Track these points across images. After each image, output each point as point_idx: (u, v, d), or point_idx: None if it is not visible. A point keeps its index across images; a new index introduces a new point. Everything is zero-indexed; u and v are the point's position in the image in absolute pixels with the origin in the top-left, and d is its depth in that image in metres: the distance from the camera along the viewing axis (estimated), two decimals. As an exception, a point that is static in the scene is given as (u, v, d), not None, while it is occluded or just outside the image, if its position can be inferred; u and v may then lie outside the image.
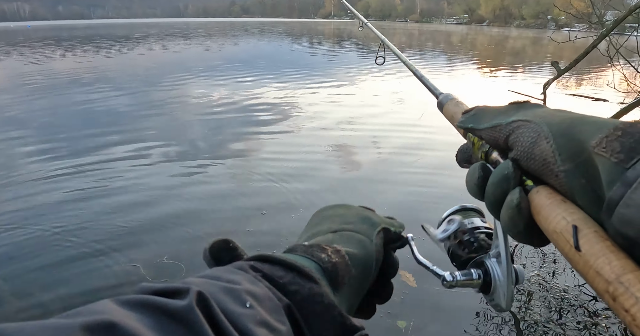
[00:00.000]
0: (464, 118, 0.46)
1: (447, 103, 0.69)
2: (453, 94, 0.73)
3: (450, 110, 0.66)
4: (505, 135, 0.37)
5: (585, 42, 4.16)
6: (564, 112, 0.35)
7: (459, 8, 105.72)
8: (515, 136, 0.36)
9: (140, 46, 22.18)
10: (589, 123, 0.31)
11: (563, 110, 0.37)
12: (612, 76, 4.14)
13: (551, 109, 0.37)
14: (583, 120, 0.32)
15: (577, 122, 0.32)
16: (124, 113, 6.61)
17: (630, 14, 2.75)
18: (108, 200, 3.49)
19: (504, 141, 0.37)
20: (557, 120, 0.33)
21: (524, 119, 0.36)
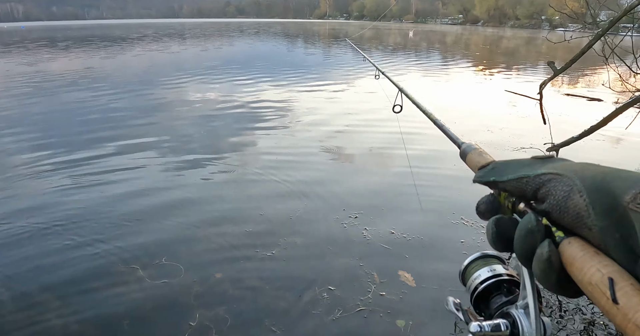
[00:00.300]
0: (482, 173, 0.47)
1: (471, 153, 0.70)
2: (474, 144, 0.74)
3: (473, 160, 0.67)
4: (534, 187, 0.37)
5: (578, 42, 4.18)
6: (594, 166, 0.35)
7: (453, 8, 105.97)
8: (546, 189, 0.36)
9: (137, 47, 22.10)
10: (621, 178, 0.31)
11: (592, 164, 0.37)
12: (607, 76, 4.17)
13: (579, 163, 0.38)
14: (616, 174, 0.32)
15: (609, 177, 0.32)
16: (122, 114, 6.59)
17: (626, 14, 2.77)
18: (104, 200, 3.47)
19: (532, 193, 0.38)
20: (590, 174, 0.34)
21: (555, 172, 0.36)
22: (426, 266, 2.62)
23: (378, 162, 4.53)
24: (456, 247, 2.84)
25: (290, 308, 2.23)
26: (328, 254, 2.74)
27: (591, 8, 4.18)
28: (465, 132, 5.73)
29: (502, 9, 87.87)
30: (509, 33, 53.68)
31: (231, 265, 2.61)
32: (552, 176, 0.36)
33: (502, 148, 5.01)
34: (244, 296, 2.32)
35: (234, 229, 3.05)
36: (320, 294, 2.33)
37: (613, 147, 5.38)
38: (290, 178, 4.02)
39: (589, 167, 0.35)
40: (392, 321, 2.14)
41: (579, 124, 6.08)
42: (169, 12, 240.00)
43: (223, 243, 2.87)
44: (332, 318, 2.14)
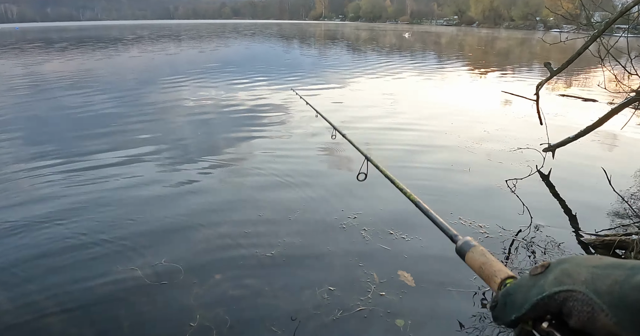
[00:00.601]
0: (498, 313, 0.45)
1: (472, 252, 0.67)
2: (472, 239, 0.71)
3: (477, 261, 0.64)
4: (553, 310, 0.37)
5: (572, 43, 4.22)
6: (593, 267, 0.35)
7: (448, 9, 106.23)
8: (567, 309, 0.36)
9: (133, 48, 22.04)
10: (637, 287, 0.31)
11: (585, 261, 0.37)
12: (603, 76, 4.20)
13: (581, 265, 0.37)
14: (627, 282, 0.32)
15: (626, 288, 0.32)
16: (120, 115, 6.57)
17: (621, 15, 2.80)
18: (102, 202, 3.46)
19: (550, 317, 0.38)
20: (603, 287, 0.33)
21: (567, 289, 0.36)
22: (425, 266, 2.63)
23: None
24: (454, 247, 2.85)
25: (290, 309, 2.24)
26: (327, 254, 2.75)
27: (586, 9, 4.21)
28: (461, 132, 5.76)
29: (496, 10, 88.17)
30: (504, 34, 53.90)
31: (230, 265, 2.61)
32: (565, 294, 0.36)
33: (499, 148, 5.04)
34: (243, 297, 2.32)
35: (233, 230, 3.05)
36: (320, 294, 2.34)
37: (608, 147, 5.41)
38: (288, 179, 4.03)
39: (594, 272, 0.35)
40: (391, 321, 2.15)
41: (574, 125, 6.12)
42: (164, 13, 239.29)
43: (222, 244, 2.87)
44: (333, 318, 2.15)
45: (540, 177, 4.22)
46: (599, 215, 3.39)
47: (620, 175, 4.12)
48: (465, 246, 0.69)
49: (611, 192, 3.41)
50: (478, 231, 3.07)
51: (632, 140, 5.74)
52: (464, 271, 2.59)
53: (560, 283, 0.37)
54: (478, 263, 0.64)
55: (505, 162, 4.58)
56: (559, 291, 0.36)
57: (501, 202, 3.60)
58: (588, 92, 9.39)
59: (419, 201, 1.08)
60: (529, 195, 3.63)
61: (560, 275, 0.38)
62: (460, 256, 0.69)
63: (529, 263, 2.69)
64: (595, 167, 4.08)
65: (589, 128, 4.25)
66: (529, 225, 3.19)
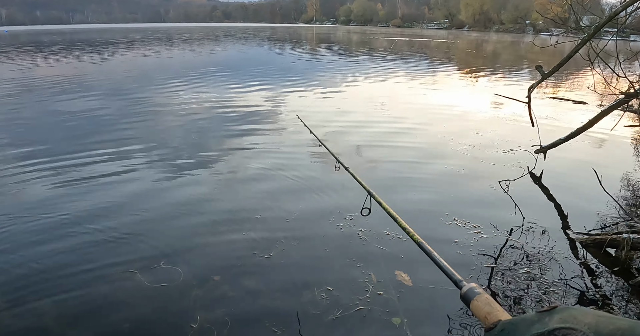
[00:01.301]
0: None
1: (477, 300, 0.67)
2: (477, 286, 0.71)
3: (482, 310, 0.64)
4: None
5: (561, 47, 4.30)
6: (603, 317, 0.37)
7: (439, 13, 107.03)
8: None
9: (127, 51, 21.95)
10: None
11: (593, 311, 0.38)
12: (592, 79, 4.28)
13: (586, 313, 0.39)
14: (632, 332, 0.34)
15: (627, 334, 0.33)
16: (113, 119, 6.56)
17: (611, 20, 2.87)
18: (97, 206, 3.46)
19: None
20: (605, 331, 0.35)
21: (567, 327, 0.38)
22: (422, 266, 2.66)
23: (366, 163, 4.58)
24: (450, 247, 2.90)
25: (290, 309, 2.26)
26: (325, 255, 2.78)
27: (575, 13, 4.29)
28: (454, 135, 5.83)
29: (487, 13, 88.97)
30: (494, 37, 54.38)
31: (230, 267, 2.63)
32: (566, 331, 0.37)
33: (492, 150, 5.10)
34: (243, 298, 2.34)
35: (231, 232, 3.07)
36: (319, 294, 2.36)
37: (599, 148, 5.50)
38: (284, 182, 4.06)
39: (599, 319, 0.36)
40: (388, 319, 2.19)
41: (565, 126, 6.22)
42: (155, 17, 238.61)
43: (220, 246, 2.89)
44: (332, 318, 2.18)
45: (532, 178, 4.29)
46: (590, 215, 3.46)
47: (610, 176, 4.19)
48: (470, 293, 0.69)
49: (602, 192, 3.47)
50: (472, 231, 3.11)
51: (621, 141, 5.84)
52: (460, 271, 2.63)
53: (565, 322, 0.38)
54: (483, 312, 0.64)
55: (498, 163, 4.64)
56: (561, 328, 0.38)
57: (494, 202, 3.66)
58: (578, 95, 9.53)
59: (422, 242, 1.06)
60: (522, 196, 3.69)
61: (567, 316, 0.39)
62: (465, 303, 0.69)
63: (522, 264, 2.73)
64: (586, 168, 4.15)
65: (579, 129, 4.33)
66: (522, 224, 3.24)
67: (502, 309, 0.63)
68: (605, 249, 2.84)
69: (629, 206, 3.64)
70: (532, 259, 2.78)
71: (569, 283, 2.52)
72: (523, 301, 2.35)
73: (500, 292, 2.44)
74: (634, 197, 3.87)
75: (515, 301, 2.35)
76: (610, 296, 2.42)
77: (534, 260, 2.77)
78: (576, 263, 2.75)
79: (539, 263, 2.73)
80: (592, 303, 2.35)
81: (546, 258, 2.79)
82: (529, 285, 2.50)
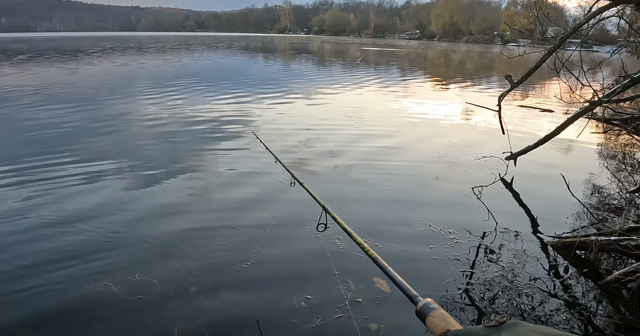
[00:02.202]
0: None
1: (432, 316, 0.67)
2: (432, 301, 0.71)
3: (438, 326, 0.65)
4: None
5: (528, 57, 4.46)
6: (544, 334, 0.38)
7: (410, 24, 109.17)
8: None
9: (99, 61, 21.51)
10: None
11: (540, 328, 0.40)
12: (559, 88, 4.44)
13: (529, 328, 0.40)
14: None
15: None
16: (83, 130, 6.41)
17: (575, 31, 3.00)
18: (66, 219, 3.37)
19: None
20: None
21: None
22: (399, 271, 2.68)
23: (343, 171, 4.61)
24: (426, 253, 2.94)
25: (269, 319, 2.25)
26: (303, 264, 2.78)
27: (541, 25, 4.45)
28: (428, 143, 5.93)
29: (456, 24, 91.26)
30: (464, 47, 55.77)
31: (207, 278, 2.60)
32: None
33: (464, 157, 5.21)
34: (222, 309, 2.32)
35: (207, 243, 3.04)
36: (299, 303, 2.36)
37: (566, 154, 5.69)
38: (260, 191, 4.04)
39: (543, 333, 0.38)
40: (365, 325, 2.20)
41: (534, 134, 6.41)
42: (126, 25, 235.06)
43: (197, 256, 2.85)
44: (312, 326, 2.17)
45: (503, 183, 4.40)
46: (560, 219, 3.57)
47: (577, 181, 4.35)
48: (425, 309, 0.69)
49: (570, 197, 3.59)
50: (447, 237, 3.17)
51: (587, 147, 6.05)
52: (437, 276, 2.67)
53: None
54: (439, 329, 0.64)
55: (471, 170, 4.74)
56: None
57: (468, 208, 3.73)
58: (545, 103, 9.85)
59: (377, 257, 1.05)
60: (494, 201, 3.78)
61: (513, 334, 0.40)
62: (421, 319, 0.69)
63: (496, 268, 2.79)
64: (555, 173, 4.29)
65: (547, 137, 4.48)
66: (495, 229, 3.32)
67: (457, 324, 0.63)
68: (575, 251, 2.94)
69: (596, 209, 3.77)
70: (505, 263, 2.84)
71: (540, 286, 2.59)
72: (492, 307, 2.40)
73: (475, 297, 2.49)
74: (600, 201, 4.01)
75: (483, 309, 2.40)
76: (581, 297, 2.50)
77: (507, 264, 2.83)
78: (548, 266, 2.83)
79: (512, 266, 2.80)
80: (563, 304, 2.42)
81: (519, 262, 2.86)
82: (502, 289, 2.55)
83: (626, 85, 3.60)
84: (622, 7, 4.21)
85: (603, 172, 4.90)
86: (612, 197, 4.09)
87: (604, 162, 5.38)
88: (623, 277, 2.47)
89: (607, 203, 3.94)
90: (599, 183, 4.46)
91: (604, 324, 2.27)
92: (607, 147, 6.21)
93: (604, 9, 3.61)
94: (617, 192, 4.22)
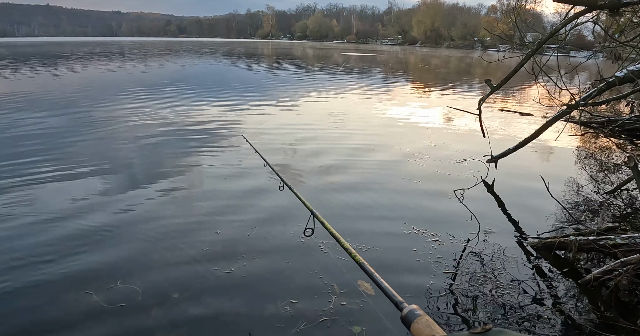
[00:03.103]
0: None
1: (417, 322, 0.68)
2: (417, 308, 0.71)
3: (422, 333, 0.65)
4: None
5: (508, 61, 4.55)
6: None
7: (392, 30, 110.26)
8: None
9: (80, 67, 21.19)
10: None
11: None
12: (537, 92, 4.53)
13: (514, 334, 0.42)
14: None
15: None
16: (62, 136, 6.30)
17: (552, 36, 3.07)
18: (46, 224, 3.31)
19: None
20: None
21: None
22: (383, 274, 2.69)
23: (329, 174, 4.63)
24: (410, 255, 2.96)
25: (254, 324, 2.23)
26: (287, 268, 2.77)
27: (519, 30, 4.54)
28: (410, 147, 5.98)
29: (437, 30, 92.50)
30: (445, 53, 56.50)
31: (190, 284, 2.57)
32: None
33: (446, 161, 5.27)
34: (205, 315, 2.29)
35: (190, 248, 3.01)
36: (283, 308, 2.35)
37: (545, 157, 5.80)
38: (243, 197, 4.02)
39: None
40: (349, 328, 2.21)
41: (514, 137, 6.52)
42: (106, 31, 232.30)
43: (180, 262, 2.82)
44: (296, 330, 2.17)
45: (485, 186, 4.46)
46: (540, 220, 3.63)
47: (556, 182, 4.43)
48: (410, 315, 0.69)
49: (549, 198, 3.66)
50: (431, 240, 3.20)
51: (565, 150, 6.18)
52: (421, 279, 2.69)
53: None
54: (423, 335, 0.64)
55: (453, 173, 4.80)
56: None
57: (450, 211, 3.77)
58: (525, 107, 10.03)
59: (363, 262, 1.05)
60: (476, 204, 3.82)
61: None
62: (405, 326, 0.70)
63: (479, 269, 2.82)
64: (534, 176, 4.36)
65: (526, 139, 4.56)
66: (477, 231, 3.36)
67: (442, 331, 0.64)
68: (555, 251, 2.99)
69: (574, 210, 3.85)
70: (488, 264, 2.88)
71: (522, 286, 2.63)
72: (475, 309, 2.43)
73: (459, 299, 2.51)
74: (579, 202, 4.09)
75: (467, 312, 2.42)
76: (562, 296, 2.54)
77: (489, 265, 2.87)
78: (529, 266, 2.87)
79: (494, 267, 2.84)
80: (544, 303, 2.46)
81: (501, 263, 2.90)
82: (485, 291, 2.58)
83: (602, 89, 3.69)
84: (597, 13, 4.32)
85: (581, 173, 5.00)
86: (590, 198, 4.18)
87: (582, 163, 5.50)
88: (601, 276, 2.52)
89: (586, 204, 4.03)
90: (577, 185, 4.55)
91: (584, 322, 2.31)
92: (584, 149, 6.35)
93: (579, 15, 3.70)
94: (594, 193, 4.31)
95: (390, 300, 0.74)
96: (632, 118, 7.25)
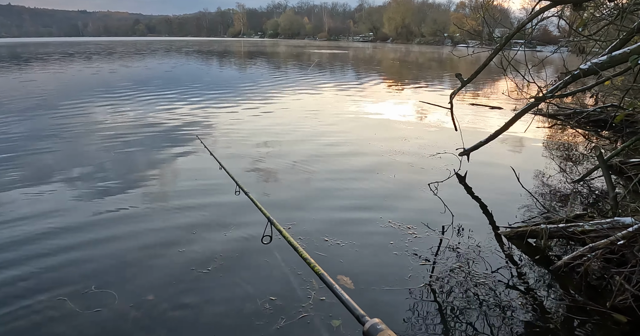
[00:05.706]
0: None
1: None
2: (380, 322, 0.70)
3: None
4: None
5: (477, 56, 4.64)
6: None
7: (364, 26, 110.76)
8: None
9: (43, 67, 20.53)
10: None
11: None
12: (506, 86, 4.63)
13: None
14: None
15: None
16: (28, 141, 6.11)
17: (518, 31, 3.14)
18: (14, 231, 3.20)
19: None
20: None
21: None
22: (362, 268, 2.73)
23: (299, 172, 4.63)
24: (387, 248, 3.00)
25: (233, 322, 2.22)
26: (266, 266, 2.76)
27: (488, 26, 4.63)
28: (384, 141, 6.04)
29: (408, 27, 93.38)
30: (416, 49, 57.15)
31: (167, 286, 2.54)
32: None
33: (420, 155, 5.34)
34: (184, 317, 2.27)
35: (166, 250, 2.96)
36: (262, 305, 2.35)
37: (515, 149, 5.94)
38: (221, 195, 3.99)
39: None
40: (329, 321, 2.22)
41: (485, 130, 6.65)
42: (72, 30, 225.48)
43: (155, 264, 2.78)
44: (277, 327, 2.17)
45: (458, 178, 4.54)
46: (512, 209, 3.73)
47: (527, 173, 4.55)
48: (372, 330, 0.69)
49: (520, 188, 3.75)
50: (407, 232, 3.24)
51: (534, 142, 6.35)
52: (398, 271, 2.73)
53: None
54: None
55: (427, 166, 4.87)
56: None
57: (425, 204, 3.83)
58: (495, 100, 10.24)
59: (323, 273, 1.04)
60: (450, 196, 3.90)
61: None
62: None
63: (454, 259, 2.88)
64: (505, 167, 4.47)
65: (497, 132, 4.66)
66: (452, 223, 3.42)
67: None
68: (527, 240, 3.08)
69: (544, 199, 3.96)
70: (462, 254, 2.94)
71: (496, 275, 2.69)
72: (451, 297, 2.48)
73: (436, 289, 2.55)
74: (548, 191, 4.21)
75: (444, 302, 2.47)
76: (534, 283, 2.62)
77: (464, 255, 2.93)
78: (502, 255, 2.95)
79: (468, 257, 2.90)
80: (518, 290, 2.53)
81: (475, 252, 2.96)
82: (460, 280, 2.63)
83: (567, 81, 3.80)
84: (562, 7, 4.45)
85: (550, 164, 5.15)
86: (559, 187, 4.31)
87: (550, 154, 5.66)
88: (571, 261, 2.61)
89: (555, 193, 4.15)
90: (546, 175, 4.68)
91: (556, 307, 2.39)
92: (552, 140, 6.53)
93: (545, 9, 3.80)
94: (563, 182, 4.45)
95: (352, 313, 0.72)
96: (596, 110, 7.50)
